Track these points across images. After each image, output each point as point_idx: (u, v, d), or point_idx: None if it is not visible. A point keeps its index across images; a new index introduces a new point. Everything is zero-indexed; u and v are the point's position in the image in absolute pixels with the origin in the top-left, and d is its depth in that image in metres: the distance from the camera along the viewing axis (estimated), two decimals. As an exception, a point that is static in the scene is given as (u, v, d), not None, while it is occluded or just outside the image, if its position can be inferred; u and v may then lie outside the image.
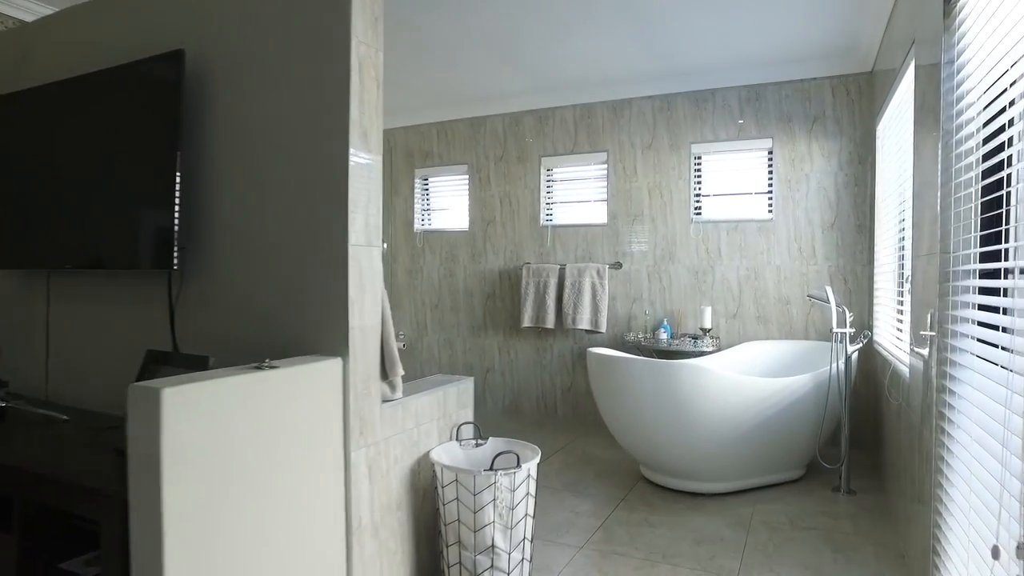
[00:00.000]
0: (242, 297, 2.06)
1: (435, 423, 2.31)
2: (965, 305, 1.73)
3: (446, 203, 5.43)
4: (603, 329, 4.51)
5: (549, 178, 4.94)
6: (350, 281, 1.87)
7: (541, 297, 4.74)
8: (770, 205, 4.17)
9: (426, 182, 5.50)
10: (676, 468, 3.13)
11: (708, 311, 4.15)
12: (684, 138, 4.40)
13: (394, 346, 2.04)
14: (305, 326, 1.93)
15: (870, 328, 3.75)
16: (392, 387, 2.09)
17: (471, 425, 2.48)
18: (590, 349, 3.31)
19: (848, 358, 3.15)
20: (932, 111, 2.00)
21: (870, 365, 3.74)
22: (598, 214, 4.74)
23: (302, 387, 1.71)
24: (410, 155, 5.49)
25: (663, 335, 4.21)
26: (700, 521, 2.82)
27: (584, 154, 4.76)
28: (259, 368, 1.63)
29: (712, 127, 4.31)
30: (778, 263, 4.13)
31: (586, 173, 4.79)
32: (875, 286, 3.65)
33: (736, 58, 3.95)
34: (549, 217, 4.94)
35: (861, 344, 3.15)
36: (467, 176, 5.23)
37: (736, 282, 4.25)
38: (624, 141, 4.60)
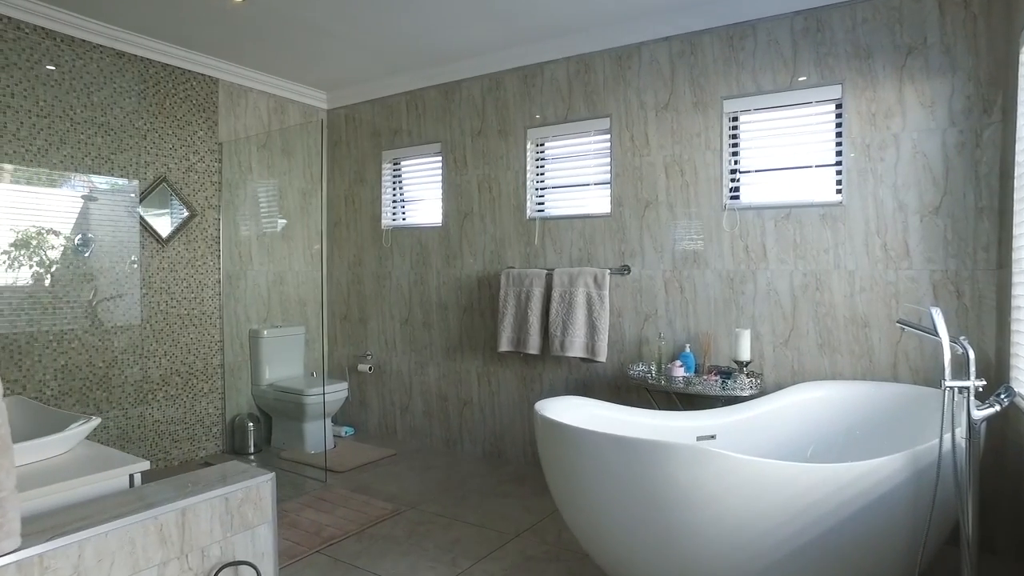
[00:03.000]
0: None
1: (155, 573, 1.22)
2: None
3: (417, 192, 4.36)
4: (602, 357, 3.31)
5: (539, 155, 3.78)
6: None
7: (523, 313, 3.58)
8: (839, 182, 2.86)
9: (397, 167, 4.44)
10: (672, 603, 1.92)
11: (746, 335, 2.89)
12: (714, 92, 3.15)
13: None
14: None
15: (1002, 371, 2.40)
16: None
17: (249, 568, 1.38)
18: (538, 407, 2.14)
19: (974, 428, 1.85)
20: None
21: (1005, 426, 2.40)
22: (599, 202, 3.54)
23: None
24: (377, 135, 4.45)
25: (679, 370, 2.97)
26: None
27: (580, 121, 3.57)
28: None
29: (753, 74, 3.04)
30: (851, 267, 2.82)
31: (583, 147, 3.60)
32: (1014, 303, 2.30)
33: (786, -33, 2.70)
34: (539, 207, 3.78)
35: (998, 408, 1.84)
36: (440, 158, 4.15)
37: (789, 294, 2.96)
38: (632, 101, 3.39)
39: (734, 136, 3.13)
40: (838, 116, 2.86)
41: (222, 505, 1.35)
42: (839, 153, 2.86)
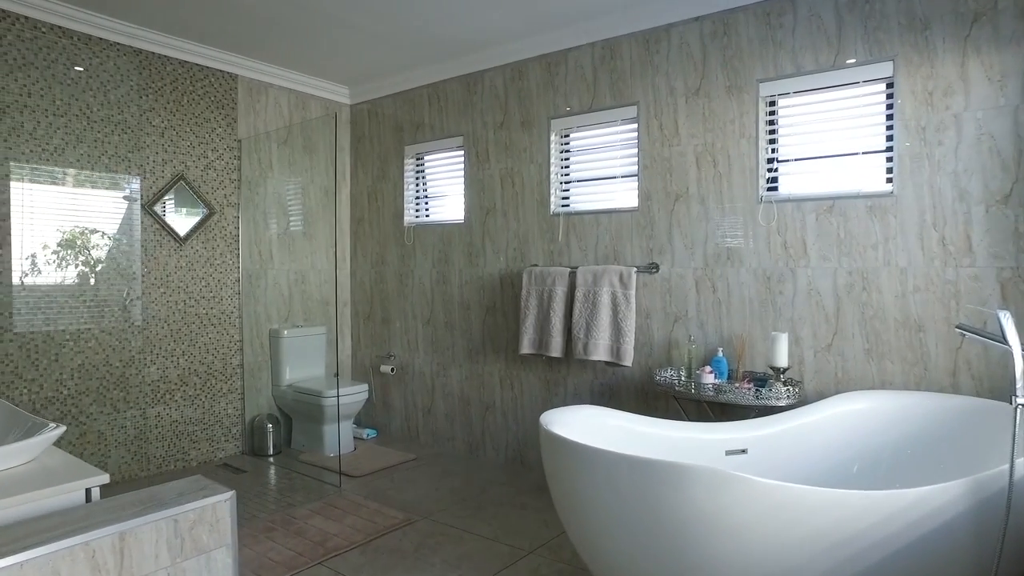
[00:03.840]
0: None
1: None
2: None
3: (440, 188, 4.23)
4: (628, 361, 3.10)
5: (563, 147, 3.59)
6: None
7: (545, 313, 3.40)
8: (889, 170, 2.58)
9: (419, 162, 4.32)
10: (691, 642, 1.71)
11: (784, 339, 2.63)
12: (749, 74, 2.89)
13: None
14: None
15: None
16: None
17: (198, 600, 1.24)
18: (544, 419, 1.96)
19: (1049, 453, 1.58)
20: None
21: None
22: (626, 195, 3.32)
23: None
24: (399, 129, 4.34)
25: (709, 376, 2.73)
26: None
27: (606, 110, 3.36)
28: None
29: (792, 54, 2.78)
30: (903, 264, 2.54)
31: (609, 138, 3.39)
32: (1096, 305, 2.00)
33: (829, -68, 2.43)
34: (564, 202, 3.59)
35: (1081, 430, 1.57)
36: (462, 152, 4.00)
37: (832, 294, 2.69)
38: (661, 87, 3.16)
39: (771, 122, 2.87)
40: (889, 97, 2.58)
41: (170, 527, 1.22)
42: (890, 138, 2.57)
